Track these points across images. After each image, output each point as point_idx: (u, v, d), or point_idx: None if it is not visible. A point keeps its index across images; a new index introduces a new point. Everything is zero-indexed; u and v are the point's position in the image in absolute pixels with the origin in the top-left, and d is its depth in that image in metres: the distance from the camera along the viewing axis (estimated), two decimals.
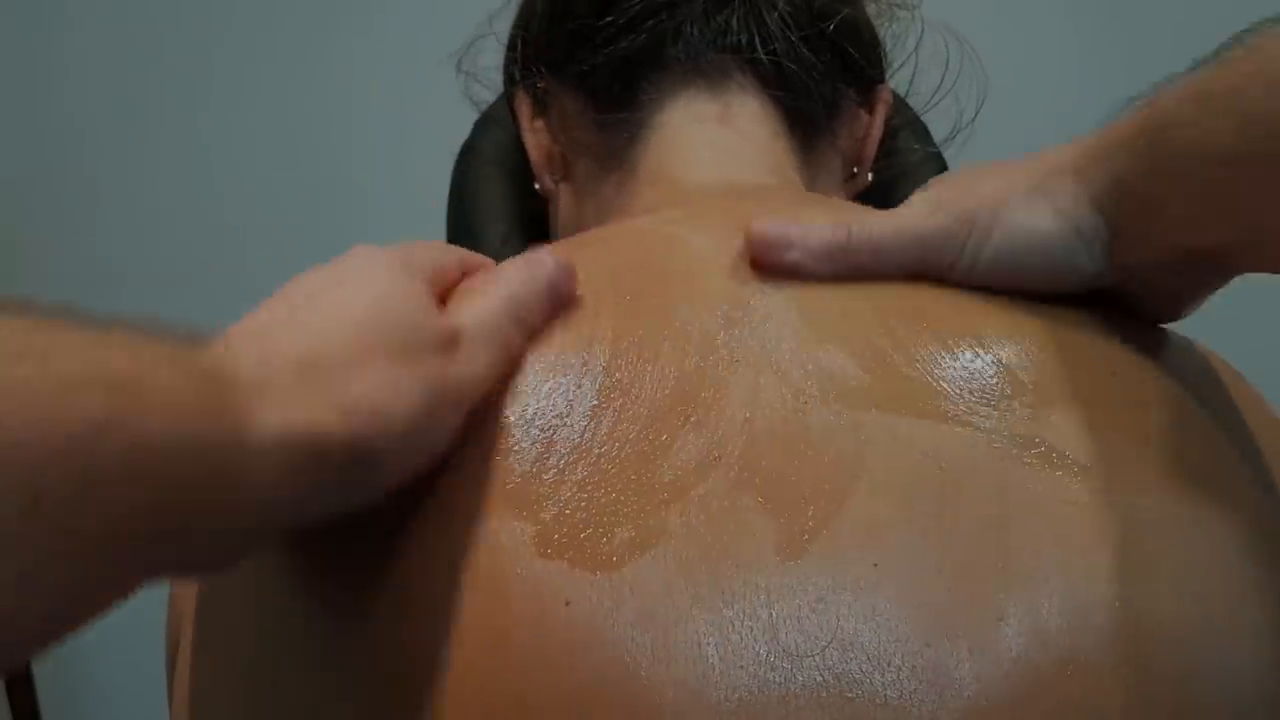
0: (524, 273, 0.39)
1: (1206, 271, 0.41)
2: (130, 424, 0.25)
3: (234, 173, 1.32)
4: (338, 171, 1.31)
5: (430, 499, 0.36)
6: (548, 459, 0.37)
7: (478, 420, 0.37)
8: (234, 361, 0.30)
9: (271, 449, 0.29)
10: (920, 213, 0.43)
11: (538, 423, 0.37)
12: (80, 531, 0.24)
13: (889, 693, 0.33)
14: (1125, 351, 0.41)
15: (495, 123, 0.67)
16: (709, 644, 0.33)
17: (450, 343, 0.35)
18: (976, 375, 0.38)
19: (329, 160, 1.31)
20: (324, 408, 0.30)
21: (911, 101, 0.66)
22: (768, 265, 0.42)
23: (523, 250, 0.65)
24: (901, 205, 0.44)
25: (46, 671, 1.41)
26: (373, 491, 0.33)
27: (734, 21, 0.52)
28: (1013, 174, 0.43)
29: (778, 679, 0.33)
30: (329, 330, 0.32)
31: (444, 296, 0.38)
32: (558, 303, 0.40)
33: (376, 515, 0.36)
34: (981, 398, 0.38)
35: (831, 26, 0.53)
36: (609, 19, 0.52)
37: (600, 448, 0.37)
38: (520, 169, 0.63)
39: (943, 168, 0.69)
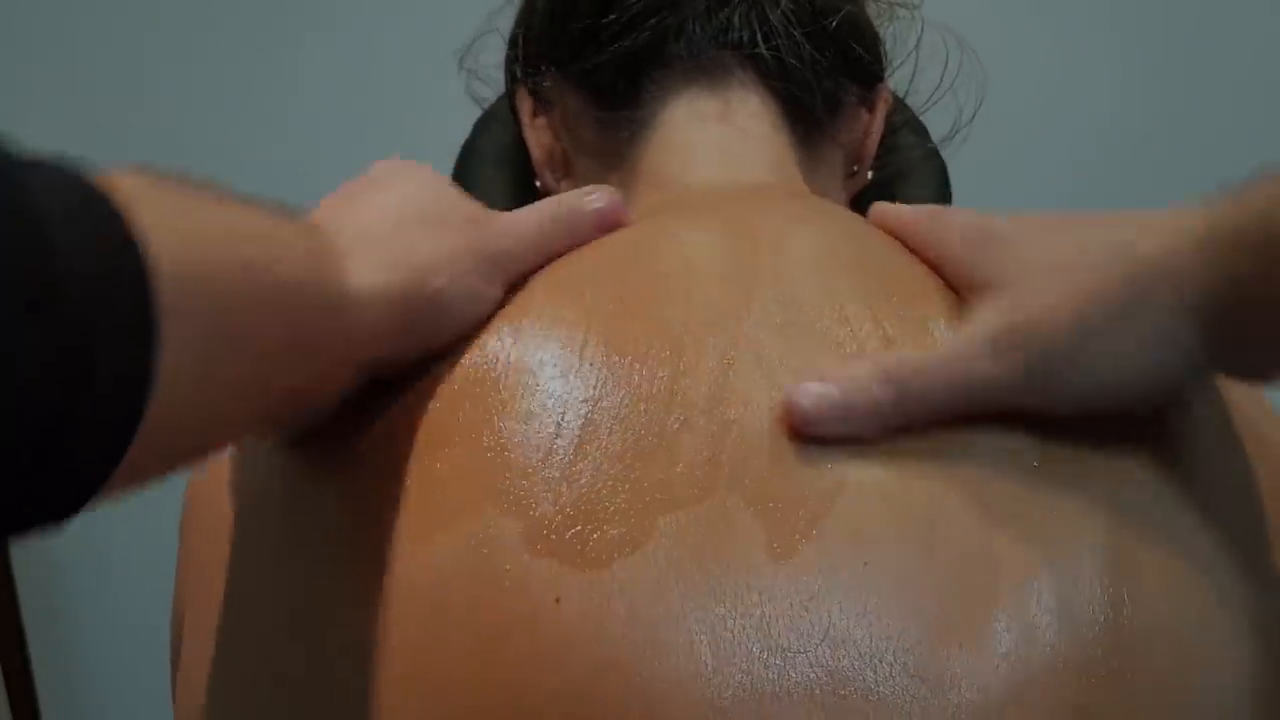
0: (572, 192, 0.45)
1: None
2: (274, 267, 0.31)
3: (229, 173, 1.31)
4: (336, 172, 1.31)
5: (418, 495, 0.37)
6: (535, 457, 0.37)
7: (467, 418, 0.38)
8: (321, 234, 0.36)
9: (365, 302, 0.36)
10: (978, 349, 0.37)
11: (527, 421, 0.38)
12: (246, 343, 0.30)
13: (882, 689, 0.33)
14: None
15: (495, 122, 0.67)
16: (702, 642, 0.33)
17: (484, 218, 0.42)
18: None
19: (327, 161, 1.31)
20: (384, 268, 0.37)
21: (911, 100, 0.66)
22: (817, 437, 0.37)
23: None
24: (963, 325, 0.39)
25: (46, 671, 1.41)
26: (446, 330, 0.40)
27: (735, 18, 0.52)
28: (1091, 274, 0.37)
29: (771, 676, 0.33)
30: (375, 212, 0.40)
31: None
32: (604, 218, 0.44)
33: (370, 507, 0.37)
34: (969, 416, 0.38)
35: (834, 23, 0.53)
36: (612, 16, 0.52)
37: (588, 447, 0.37)
38: (521, 168, 0.63)
39: (942, 166, 0.69)
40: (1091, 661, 0.34)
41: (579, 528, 0.35)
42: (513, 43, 0.58)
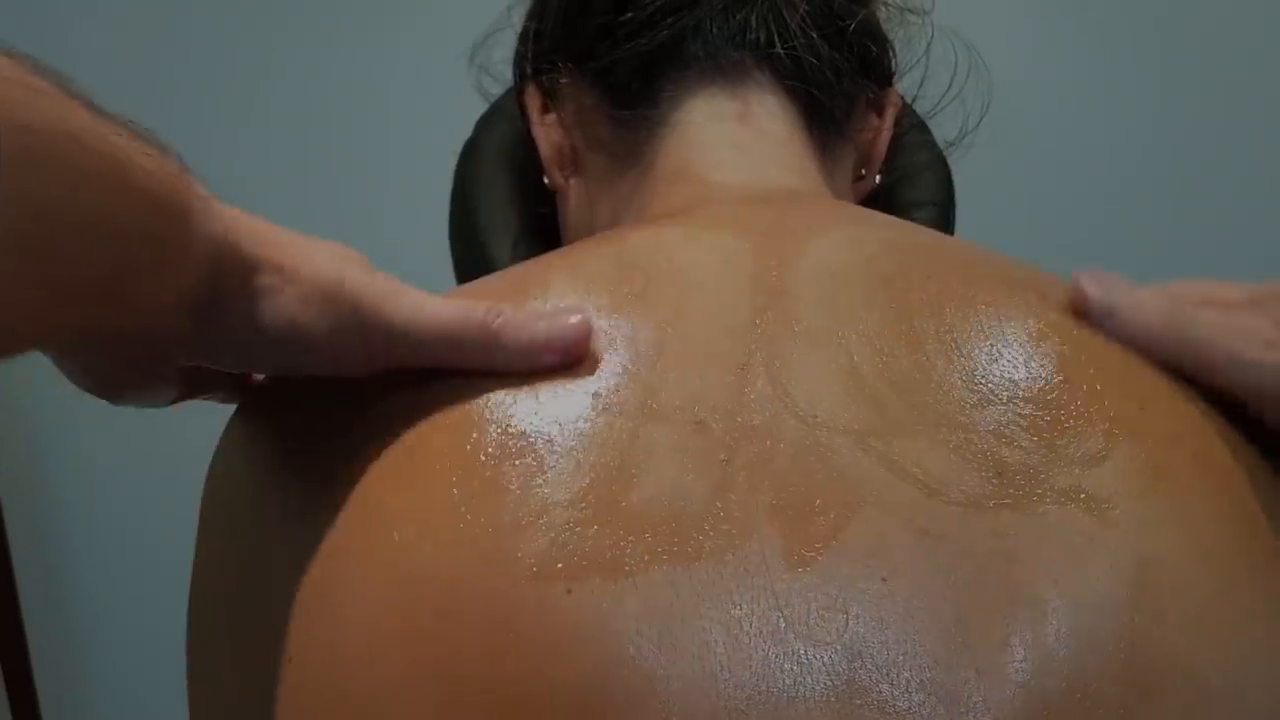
0: (541, 313, 0.40)
1: None
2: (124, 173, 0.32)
3: (234, 169, 1.31)
4: (339, 169, 1.31)
5: (430, 479, 0.37)
6: (553, 454, 0.37)
7: (484, 421, 0.38)
8: (179, 169, 0.36)
9: (202, 244, 0.35)
10: (1260, 339, 0.40)
11: (546, 424, 0.38)
12: (67, 220, 0.30)
13: (899, 703, 0.33)
14: (1162, 384, 0.40)
15: (499, 119, 0.67)
16: (717, 642, 0.33)
17: (386, 281, 0.39)
18: (989, 408, 0.38)
19: (331, 157, 1.31)
20: (249, 238, 0.37)
21: (918, 106, 0.66)
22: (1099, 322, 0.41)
23: (532, 250, 0.65)
24: (1234, 316, 0.41)
25: (46, 671, 1.41)
26: (247, 347, 0.39)
27: (753, 19, 0.52)
28: None
29: (787, 681, 0.33)
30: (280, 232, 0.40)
31: None
32: (553, 353, 0.39)
33: (375, 489, 0.37)
34: (995, 433, 0.37)
35: (851, 26, 0.53)
36: (629, 14, 0.51)
37: (605, 447, 0.37)
38: (525, 165, 0.62)
39: (947, 172, 0.69)
40: (1110, 694, 0.33)
41: (596, 526, 0.35)
42: (523, 38, 0.58)
